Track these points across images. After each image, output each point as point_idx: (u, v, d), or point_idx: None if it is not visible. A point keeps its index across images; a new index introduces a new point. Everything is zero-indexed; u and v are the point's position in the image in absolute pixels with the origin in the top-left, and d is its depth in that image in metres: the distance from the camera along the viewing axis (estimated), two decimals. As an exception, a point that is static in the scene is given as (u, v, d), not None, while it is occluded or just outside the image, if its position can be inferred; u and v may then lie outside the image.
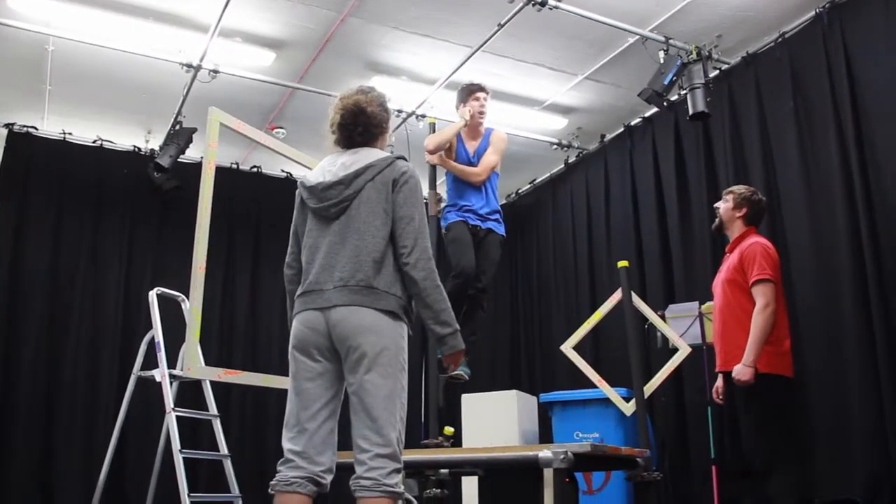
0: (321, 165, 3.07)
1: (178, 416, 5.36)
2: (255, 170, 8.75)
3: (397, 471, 2.73)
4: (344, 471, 2.86)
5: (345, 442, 2.81)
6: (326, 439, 2.83)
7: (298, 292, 2.94)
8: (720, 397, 4.67)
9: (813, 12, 6.11)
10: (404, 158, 3.02)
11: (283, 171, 8.78)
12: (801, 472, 4.53)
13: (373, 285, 2.81)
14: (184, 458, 5.14)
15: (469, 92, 5.35)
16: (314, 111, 7.31)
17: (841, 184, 5.74)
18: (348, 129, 3.06)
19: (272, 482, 2.79)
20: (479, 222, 5.13)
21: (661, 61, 6.30)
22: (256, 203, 8.69)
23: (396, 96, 7.41)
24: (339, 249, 2.88)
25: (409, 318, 2.92)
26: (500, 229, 5.26)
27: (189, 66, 6.66)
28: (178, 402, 5.69)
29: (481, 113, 5.30)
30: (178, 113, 7.31)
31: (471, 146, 5.32)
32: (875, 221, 5.53)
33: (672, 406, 6.90)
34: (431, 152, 5.23)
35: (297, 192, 3.08)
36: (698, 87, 6.13)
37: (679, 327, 5.80)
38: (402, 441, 2.79)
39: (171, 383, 5.50)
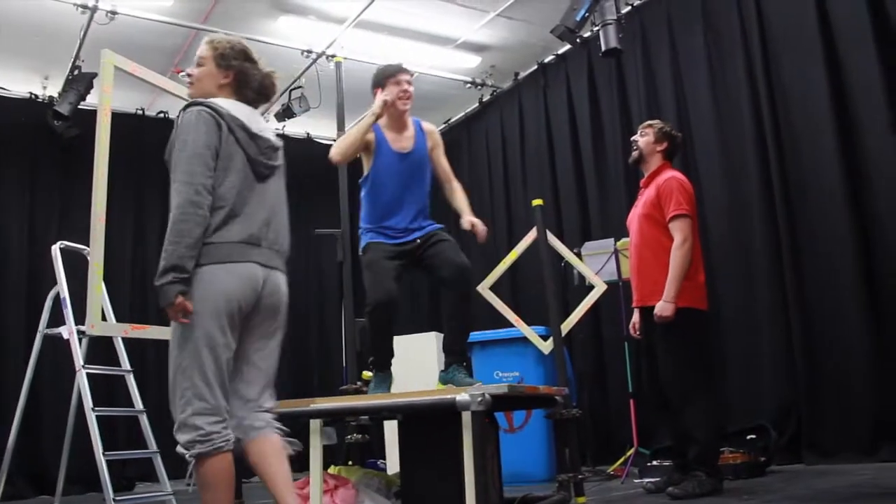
0: (240, 109, 2.86)
1: (89, 374, 5.19)
2: (161, 115, 8.45)
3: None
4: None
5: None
6: None
7: (236, 238, 2.70)
8: (637, 332, 4.72)
9: (721, -55, 6.13)
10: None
11: (190, 116, 8.49)
12: (715, 402, 4.63)
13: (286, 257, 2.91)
14: (98, 416, 5.00)
15: (387, 75, 4.10)
16: (220, 53, 7.05)
17: (750, 115, 5.86)
18: (258, 101, 3.01)
19: (216, 444, 2.59)
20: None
21: (573, -3, 6.24)
22: (164, 150, 8.39)
23: (305, 36, 7.23)
24: (270, 210, 2.85)
25: None
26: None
27: (84, 6, 6.36)
28: (93, 359, 5.52)
29: (403, 99, 4.07)
30: (76, 57, 6.99)
31: (398, 142, 4.15)
32: (783, 152, 5.64)
33: (590, 342, 7.00)
34: (341, 163, 4.19)
35: (223, 119, 2.78)
36: (610, 24, 6.09)
37: (595, 264, 5.84)
38: None
39: (80, 340, 5.32)
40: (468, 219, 4.17)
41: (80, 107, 7.28)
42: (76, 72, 7.12)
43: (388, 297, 3.88)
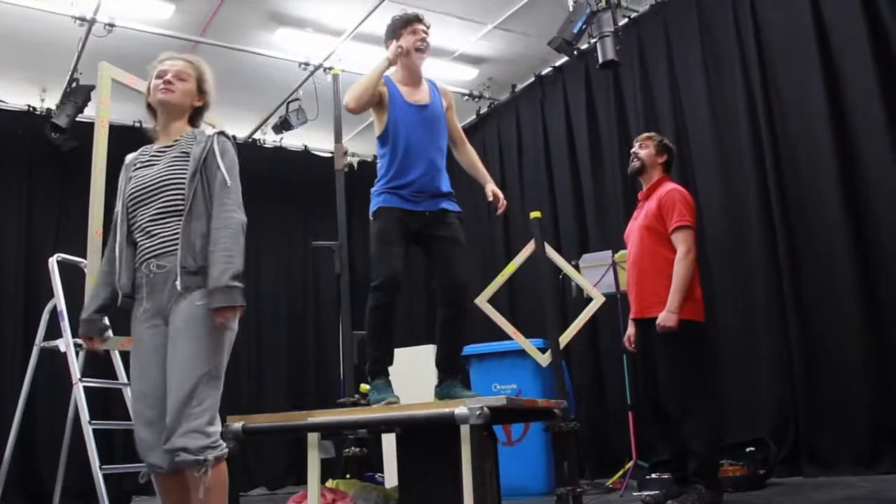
0: None
1: (86, 387, 5.18)
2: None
3: None
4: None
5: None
6: None
7: None
8: (632, 345, 4.70)
9: (718, -42, 6.15)
10: None
11: (188, 128, 8.49)
12: (715, 414, 4.61)
13: None
14: (95, 429, 4.99)
15: (404, 23, 4.00)
16: (219, 66, 6.97)
17: (747, 125, 5.88)
18: None
19: (223, 450, 2.71)
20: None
21: (571, 9, 6.24)
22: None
23: (302, 48, 7.23)
24: None
25: None
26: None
27: (82, 19, 6.36)
28: (90, 372, 5.51)
29: (420, 49, 3.97)
30: (74, 70, 6.97)
31: (412, 96, 4.01)
32: (780, 161, 5.65)
33: (588, 355, 6.99)
34: (356, 111, 3.92)
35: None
36: (608, 36, 6.08)
37: (593, 277, 5.83)
38: None
39: (77, 353, 5.31)
40: (491, 188, 4.25)
41: (77, 119, 7.25)
42: (74, 84, 7.09)
43: (394, 275, 3.76)
